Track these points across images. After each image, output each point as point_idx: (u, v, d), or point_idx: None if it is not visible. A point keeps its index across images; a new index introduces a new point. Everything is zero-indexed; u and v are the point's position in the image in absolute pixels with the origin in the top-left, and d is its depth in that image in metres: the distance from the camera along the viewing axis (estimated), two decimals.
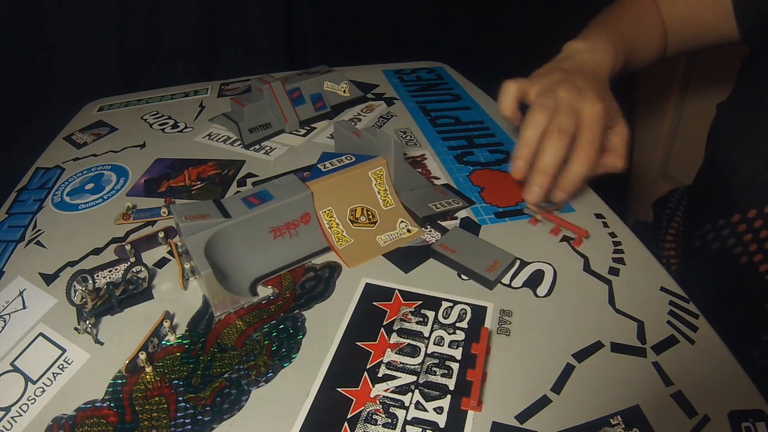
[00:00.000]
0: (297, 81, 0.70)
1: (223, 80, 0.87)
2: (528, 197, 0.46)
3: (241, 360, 0.38)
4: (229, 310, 0.42)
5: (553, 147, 0.43)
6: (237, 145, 0.66)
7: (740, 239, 0.46)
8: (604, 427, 0.32)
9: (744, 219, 0.46)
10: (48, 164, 0.66)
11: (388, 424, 0.33)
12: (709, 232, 0.50)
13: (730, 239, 0.47)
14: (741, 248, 0.46)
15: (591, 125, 0.44)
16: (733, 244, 0.47)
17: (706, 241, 0.50)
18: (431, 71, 0.87)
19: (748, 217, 0.46)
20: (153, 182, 0.60)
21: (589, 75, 0.48)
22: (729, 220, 0.47)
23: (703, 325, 0.38)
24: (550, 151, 0.43)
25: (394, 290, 0.42)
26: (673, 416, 0.32)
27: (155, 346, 0.39)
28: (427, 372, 0.36)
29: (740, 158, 0.46)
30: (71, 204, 0.58)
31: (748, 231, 0.46)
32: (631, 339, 0.37)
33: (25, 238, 0.53)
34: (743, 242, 0.46)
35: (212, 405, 0.35)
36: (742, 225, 0.46)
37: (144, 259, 0.48)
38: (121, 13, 0.95)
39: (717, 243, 0.49)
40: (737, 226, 0.47)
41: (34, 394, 0.37)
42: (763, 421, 0.31)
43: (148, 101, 0.82)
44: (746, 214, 0.46)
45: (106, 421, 0.34)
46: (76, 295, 0.44)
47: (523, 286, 0.42)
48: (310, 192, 0.45)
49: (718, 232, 0.49)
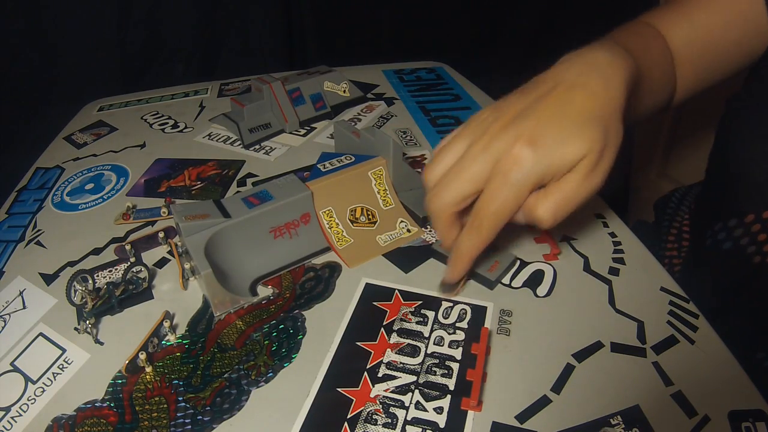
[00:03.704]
0: (297, 81, 0.70)
1: (223, 80, 0.87)
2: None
3: (241, 360, 0.38)
4: (229, 310, 0.42)
5: (445, 191, 0.33)
6: (237, 145, 0.66)
7: (754, 239, 0.45)
8: (604, 427, 0.32)
9: (759, 219, 0.44)
10: (48, 164, 0.66)
11: (388, 424, 0.33)
12: (720, 231, 0.48)
13: (743, 239, 0.46)
14: (755, 248, 0.45)
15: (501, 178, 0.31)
16: (746, 244, 0.46)
17: (717, 240, 0.48)
18: (431, 71, 0.87)
19: (763, 217, 0.44)
20: (153, 182, 0.60)
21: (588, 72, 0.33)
22: (742, 220, 0.46)
23: (703, 325, 0.38)
24: (441, 198, 0.33)
25: (394, 290, 0.42)
26: (673, 416, 0.32)
27: (155, 346, 0.39)
28: (427, 372, 0.36)
29: (754, 157, 0.44)
30: (71, 204, 0.58)
31: (762, 231, 0.44)
32: (631, 339, 0.37)
33: (25, 238, 0.53)
34: (757, 242, 0.45)
35: (212, 405, 0.35)
36: (756, 225, 0.45)
37: (144, 259, 0.48)
38: (121, 13, 0.95)
39: (729, 242, 0.47)
40: (751, 226, 0.45)
41: (34, 394, 0.37)
42: (763, 421, 0.31)
43: (148, 101, 0.82)
44: (761, 215, 0.44)
45: (106, 421, 0.34)
46: (76, 295, 0.44)
47: (523, 286, 0.42)
48: (310, 192, 0.45)
49: (730, 232, 0.47)
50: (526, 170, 0.30)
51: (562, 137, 0.30)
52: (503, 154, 0.31)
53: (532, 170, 0.30)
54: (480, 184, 0.32)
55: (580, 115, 0.31)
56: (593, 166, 0.31)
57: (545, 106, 0.32)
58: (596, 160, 0.31)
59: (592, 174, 0.31)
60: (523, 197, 0.31)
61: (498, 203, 0.31)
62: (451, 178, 0.32)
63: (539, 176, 0.30)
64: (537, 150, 0.30)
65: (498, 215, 0.31)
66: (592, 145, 0.31)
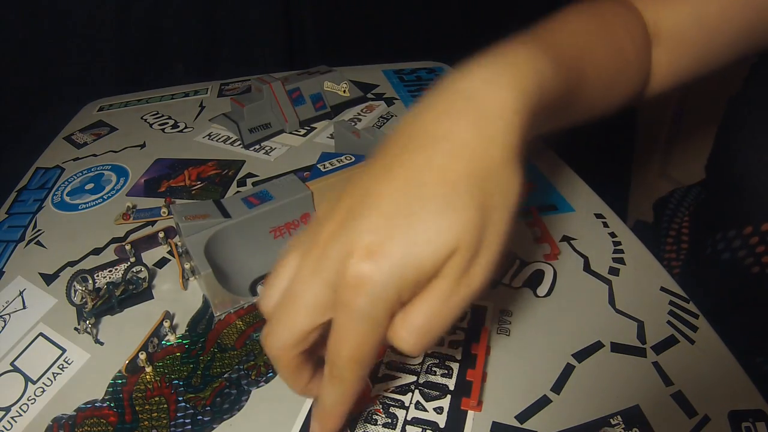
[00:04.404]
0: (297, 81, 0.70)
1: (223, 80, 0.87)
2: None
3: (241, 360, 0.38)
4: (229, 310, 0.42)
5: (279, 329, 0.24)
6: (237, 145, 0.66)
7: (752, 251, 0.45)
8: (604, 427, 0.32)
9: (757, 232, 0.44)
10: (48, 164, 0.66)
11: (388, 424, 0.33)
12: (719, 241, 0.48)
13: (741, 250, 0.46)
14: (753, 259, 0.45)
15: (345, 311, 0.22)
16: (744, 256, 0.45)
17: (716, 251, 0.48)
18: (431, 71, 0.87)
19: (761, 230, 0.44)
20: (153, 182, 0.60)
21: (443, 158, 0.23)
22: (741, 232, 0.45)
23: (703, 325, 0.38)
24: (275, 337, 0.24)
25: None
26: (673, 416, 0.32)
27: (155, 346, 0.39)
28: (427, 372, 0.36)
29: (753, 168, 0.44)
30: (71, 204, 0.58)
31: (761, 243, 0.44)
32: (631, 339, 0.37)
33: (25, 238, 0.53)
34: (755, 254, 0.44)
35: (212, 405, 0.35)
36: (754, 237, 0.44)
37: (144, 259, 0.48)
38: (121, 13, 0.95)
39: (727, 253, 0.47)
40: (749, 239, 0.45)
41: (34, 394, 0.37)
42: (763, 421, 0.31)
43: (148, 101, 0.82)
44: (759, 228, 0.44)
45: (106, 421, 0.34)
46: (76, 295, 0.44)
47: (523, 286, 0.42)
48: (310, 192, 0.45)
49: (728, 243, 0.47)
50: (370, 296, 0.21)
51: (414, 235, 0.21)
52: (338, 275, 0.22)
53: (379, 294, 0.21)
54: (321, 315, 0.23)
55: (439, 193, 0.22)
56: (467, 264, 0.22)
57: (388, 189, 0.22)
58: (470, 254, 0.22)
59: (468, 274, 0.22)
60: (381, 328, 0.22)
61: (351, 345, 0.22)
62: (284, 310, 0.24)
63: (392, 298, 0.21)
64: (380, 263, 0.21)
65: (356, 360, 0.23)
66: (461, 236, 0.21)
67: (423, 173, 0.22)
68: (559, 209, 0.51)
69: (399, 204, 0.22)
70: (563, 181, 0.55)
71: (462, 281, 0.22)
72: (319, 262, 0.22)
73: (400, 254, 0.21)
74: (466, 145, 0.23)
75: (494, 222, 0.23)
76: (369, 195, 0.22)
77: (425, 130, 0.24)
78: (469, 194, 0.22)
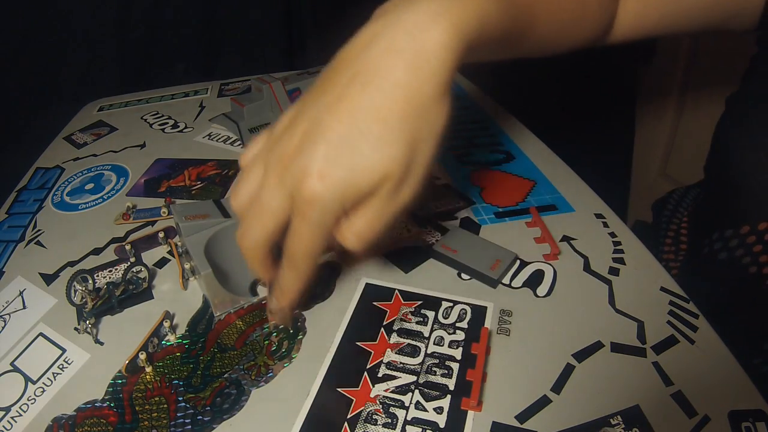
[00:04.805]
0: (297, 81, 0.70)
1: (223, 80, 0.87)
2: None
3: (241, 360, 0.38)
4: (229, 310, 0.42)
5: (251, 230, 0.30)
6: (237, 145, 0.66)
7: (749, 250, 0.45)
8: (604, 427, 0.32)
9: (754, 231, 0.44)
10: (48, 164, 0.66)
11: (388, 424, 0.33)
12: (717, 241, 0.48)
13: (738, 250, 0.46)
14: (750, 258, 0.45)
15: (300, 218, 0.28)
16: (741, 255, 0.45)
17: (713, 250, 0.48)
18: None
19: (758, 229, 0.44)
20: (153, 182, 0.60)
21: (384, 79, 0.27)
22: (737, 231, 0.45)
23: (703, 325, 0.38)
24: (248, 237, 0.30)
25: (394, 290, 0.42)
26: (673, 416, 0.32)
27: (155, 346, 0.39)
28: (427, 372, 0.36)
29: (751, 167, 0.44)
30: (71, 204, 0.58)
31: (757, 243, 0.44)
32: (631, 339, 0.37)
33: (25, 238, 0.53)
34: (753, 253, 0.44)
35: (212, 405, 0.35)
36: (751, 237, 0.44)
37: (144, 259, 0.48)
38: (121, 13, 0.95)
39: (725, 253, 0.47)
40: (746, 238, 0.45)
41: (34, 394, 0.37)
42: (763, 421, 0.31)
43: (148, 101, 0.82)
44: (756, 226, 0.44)
45: (106, 421, 0.34)
46: (76, 295, 0.44)
47: (523, 286, 0.42)
48: None
49: (725, 242, 0.47)
50: (320, 209, 0.27)
51: (354, 165, 0.27)
52: (296, 190, 0.27)
53: (327, 208, 0.27)
54: (283, 217, 0.29)
55: (375, 130, 0.26)
56: (396, 186, 0.28)
57: (335, 120, 0.27)
58: (399, 179, 0.28)
59: (398, 193, 0.28)
60: (327, 232, 0.29)
61: (304, 244, 0.29)
62: (254, 213, 0.30)
63: (337, 211, 0.28)
64: (327, 185, 0.26)
65: (308, 254, 0.29)
66: (390, 166, 0.27)
67: (364, 112, 0.27)
68: (559, 209, 0.51)
69: (343, 138, 0.27)
70: (563, 181, 0.55)
71: (393, 198, 0.28)
72: (282, 177, 0.28)
73: (344, 178, 0.27)
74: (403, 86, 0.27)
75: (421, 151, 0.28)
76: (321, 125, 0.27)
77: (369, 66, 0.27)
78: (401, 131, 0.27)
